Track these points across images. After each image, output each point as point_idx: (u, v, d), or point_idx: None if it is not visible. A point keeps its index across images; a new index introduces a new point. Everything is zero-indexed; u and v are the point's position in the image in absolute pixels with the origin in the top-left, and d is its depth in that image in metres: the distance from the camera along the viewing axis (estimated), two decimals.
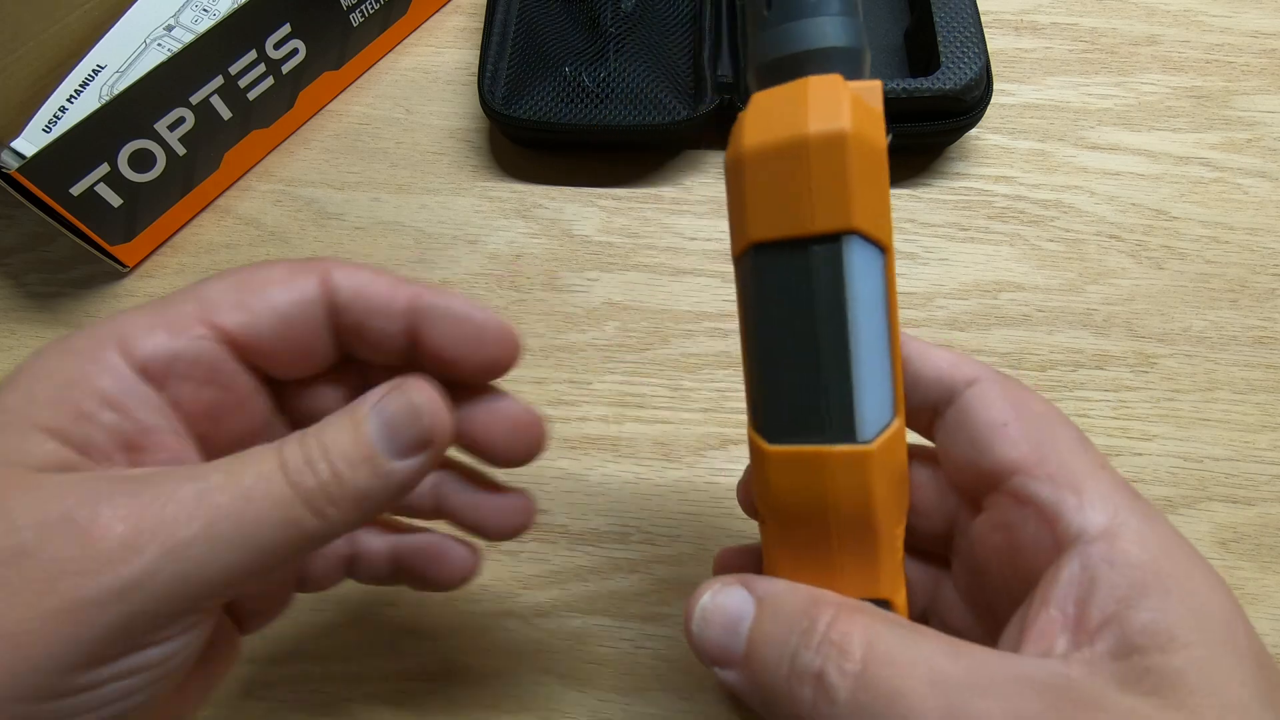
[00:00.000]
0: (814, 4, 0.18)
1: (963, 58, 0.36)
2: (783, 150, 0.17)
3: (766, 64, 0.18)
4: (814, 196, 0.16)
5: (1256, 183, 0.39)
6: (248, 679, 0.30)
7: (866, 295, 0.17)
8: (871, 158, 0.16)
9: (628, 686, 0.29)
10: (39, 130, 0.34)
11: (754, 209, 0.17)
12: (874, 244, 0.17)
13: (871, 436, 0.17)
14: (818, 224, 0.16)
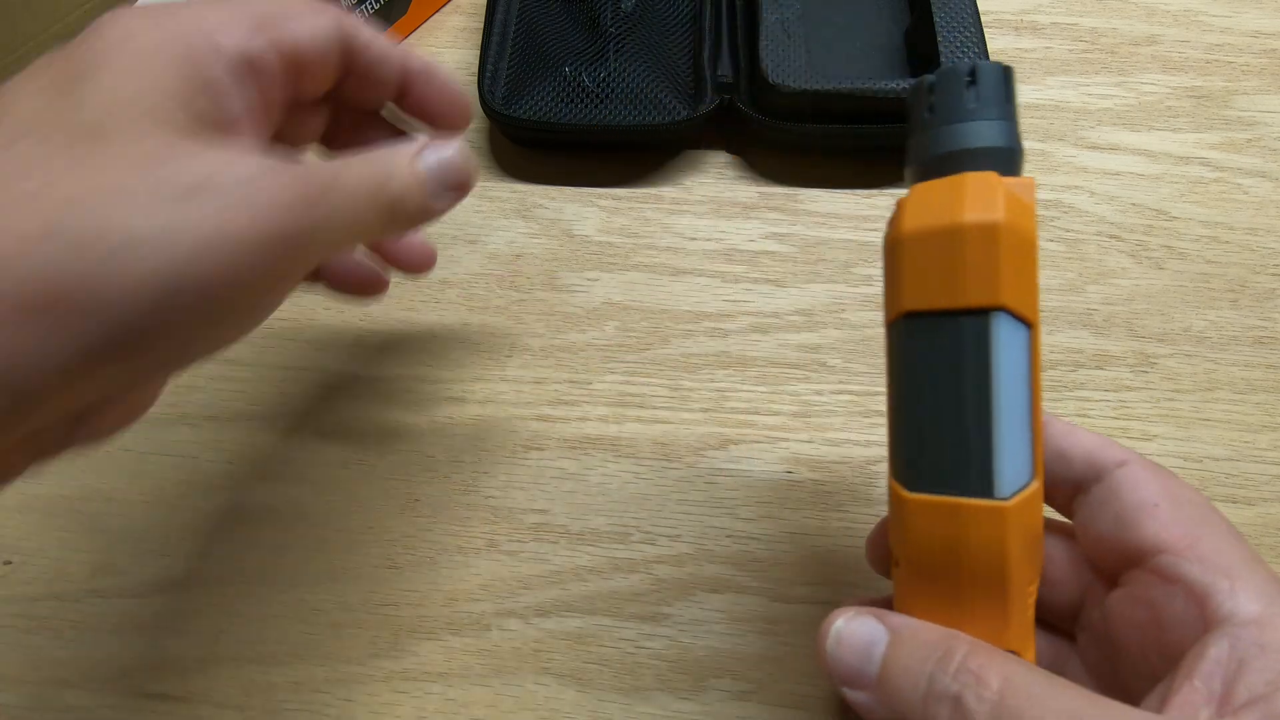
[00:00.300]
0: (973, 109, 0.20)
1: (962, 57, 0.36)
2: (940, 234, 0.19)
3: (927, 161, 0.20)
4: (967, 275, 0.19)
5: (1256, 183, 0.39)
6: (247, 679, 0.30)
7: (1010, 364, 0.18)
8: (1021, 245, 0.18)
9: (628, 686, 0.29)
10: None
11: (910, 282, 0.20)
12: (1020, 320, 0.19)
13: (1009, 494, 0.18)
14: (970, 299, 0.19)
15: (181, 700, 0.30)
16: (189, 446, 0.34)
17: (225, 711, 0.29)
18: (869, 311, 0.36)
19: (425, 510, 0.33)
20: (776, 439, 0.33)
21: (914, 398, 0.20)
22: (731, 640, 0.30)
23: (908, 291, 0.20)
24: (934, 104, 0.20)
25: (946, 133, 0.20)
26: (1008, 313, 0.19)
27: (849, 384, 0.35)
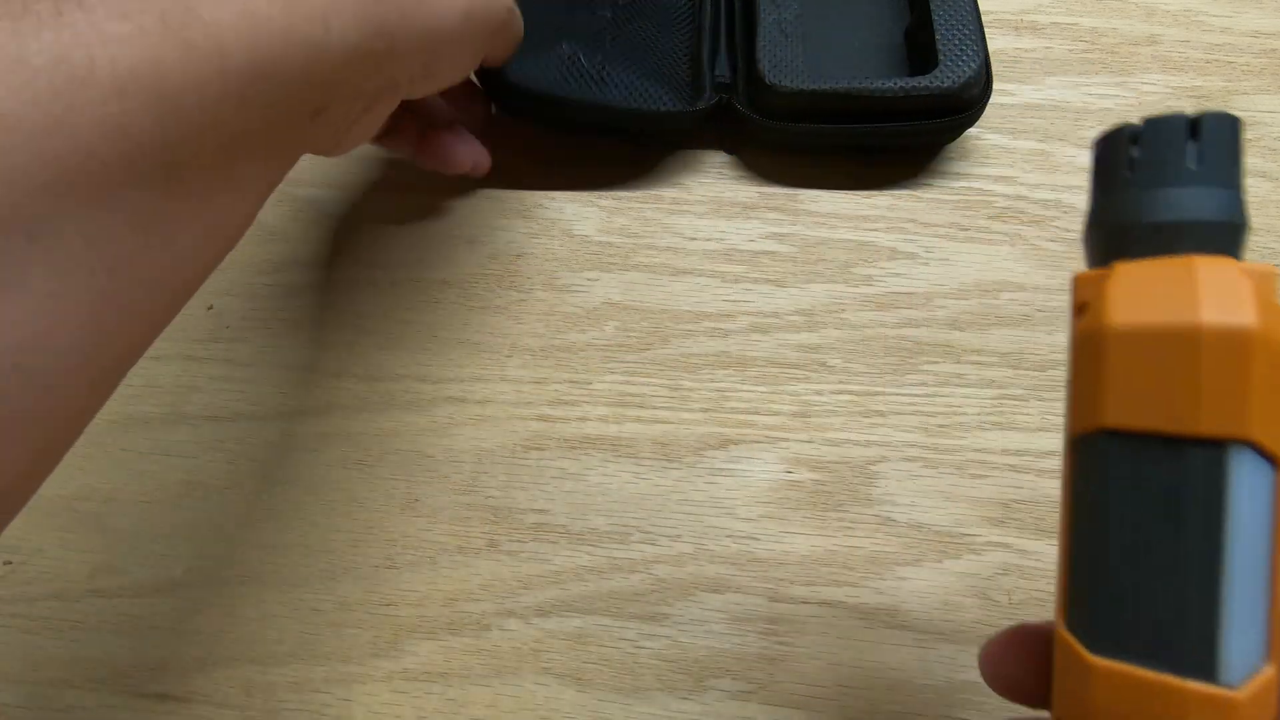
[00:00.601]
0: (1194, 171, 0.16)
1: (961, 56, 0.36)
2: (1167, 336, 0.15)
3: (1131, 230, 0.17)
4: (1202, 395, 0.15)
5: (1256, 183, 0.38)
6: (247, 679, 0.30)
7: (1250, 514, 0.15)
8: (1276, 360, 0.15)
9: (628, 686, 0.29)
10: None
11: (1116, 391, 0.16)
12: (1268, 459, 0.15)
13: (1237, 681, 0.14)
14: (1203, 426, 0.15)
15: (181, 700, 0.30)
16: (189, 446, 0.34)
17: (225, 711, 0.29)
18: (869, 311, 0.36)
19: (425, 510, 0.33)
20: (776, 439, 0.33)
21: (1109, 537, 0.16)
22: (731, 640, 0.30)
23: (1112, 402, 0.16)
24: (1138, 159, 0.17)
25: (1158, 198, 0.16)
26: (1253, 447, 0.15)
27: (849, 384, 0.35)
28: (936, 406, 0.34)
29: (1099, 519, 0.16)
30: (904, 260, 0.37)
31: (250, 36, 0.17)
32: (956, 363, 0.35)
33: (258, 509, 0.33)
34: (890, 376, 0.35)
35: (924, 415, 0.34)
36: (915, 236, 0.38)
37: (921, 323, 0.36)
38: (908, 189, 0.39)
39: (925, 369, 0.35)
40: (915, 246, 0.37)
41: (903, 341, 0.35)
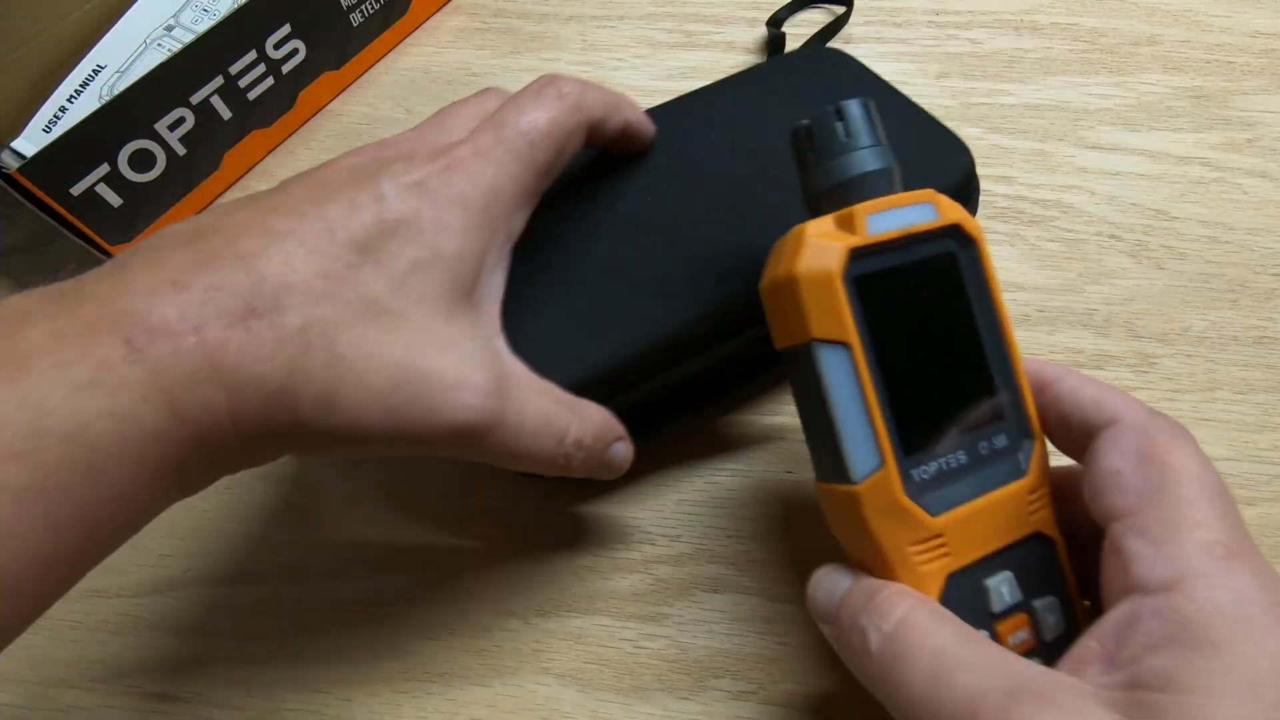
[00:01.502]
0: (845, 142, 0.24)
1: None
2: (771, 286, 0.23)
3: (817, 194, 0.24)
4: (787, 319, 0.23)
5: (1256, 183, 0.39)
6: (247, 679, 0.30)
7: (838, 380, 0.22)
8: (817, 285, 0.22)
9: (628, 686, 0.29)
10: (39, 130, 0.35)
11: (772, 325, 0.24)
12: (837, 343, 0.22)
13: (859, 479, 0.22)
14: (795, 338, 0.23)
15: (181, 700, 0.30)
16: None
17: (225, 711, 0.29)
18: None
19: (425, 510, 0.33)
20: (776, 439, 0.33)
21: (801, 412, 0.24)
22: (731, 640, 0.30)
23: (774, 333, 0.24)
24: (814, 145, 0.24)
25: (828, 168, 0.24)
26: (820, 341, 0.22)
27: None
28: None
29: (799, 402, 0.24)
30: None
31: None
32: None
33: (257, 510, 0.33)
34: None
35: None
36: None
37: None
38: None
39: None
40: None
41: None
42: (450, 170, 0.24)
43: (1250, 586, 0.19)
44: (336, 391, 0.21)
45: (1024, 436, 0.24)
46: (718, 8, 0.45)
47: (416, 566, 0.32)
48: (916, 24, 0.44)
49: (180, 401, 0.19)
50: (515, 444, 0.24)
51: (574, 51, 0.44)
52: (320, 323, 0.21)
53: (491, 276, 0.25)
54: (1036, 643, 0.23)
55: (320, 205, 0.22)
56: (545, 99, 0.26)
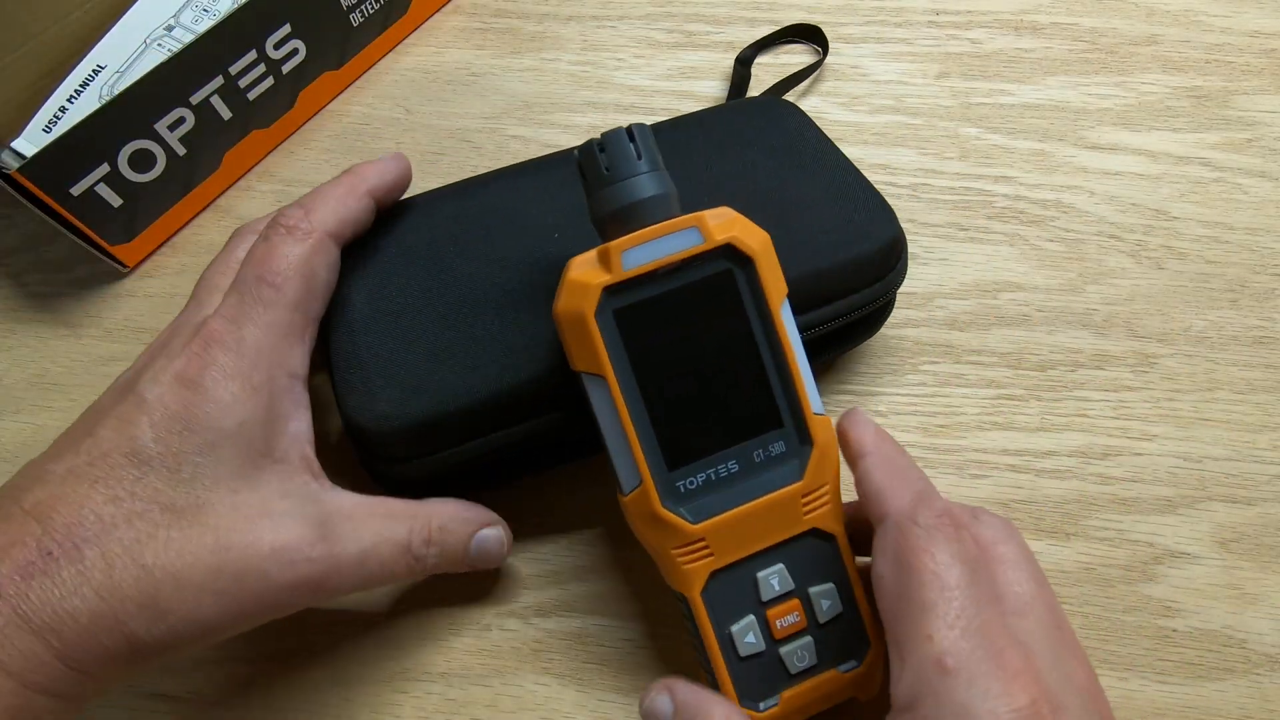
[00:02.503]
0: (608, 174, 0.25)
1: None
2: (563, 317, 0.25)
3: (597, 223, 0.26)
4: (566, 349, 0.26)
5: (1256, 183, 0.39)
6: (247, 679, 0.30)
7: (601, 407, 0.25)
8: (573, 322, 0.25)
9: (628, 686, 0.29)
10: (39, 130, 0.34)
11: (568, 348, 0.25)
12: (596, 375, 0.25)
13: (626, 492, 0.26)
14: (573, 366, 0.25)
15: (181, 700, 0.30)
16: None
17: (225, 711, 0.29)
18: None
19: None
20: None
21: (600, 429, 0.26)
22: None
23: (571, 355, 0.25)
24: (585, 177, 0.26)
25: (614, 190, 0.25)
26: (584, 373, 0.25)
27: (849, 384, 0.35)
28: (936, 406, 0.34)
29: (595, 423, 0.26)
30: None
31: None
32: (956, 363, 0.35)
33: None
34: (890, 376, 0.35)
35: (923, 415, 0.34)
36: (915, 236, 0.38)
37: (921, 323, 0.36)
38: (907, 189, 0.39)
39: (925, 369, 0.35)
40: (915, 246, 0.37)
41: (902, 341, 0.35)
42: (206, 349, 0.25)
43: (967, 700, 0.20)
44: (156, 598, 0.22)
45: (803, 442, 0.26)
46: (718, 8, 0.45)
47: None
48: (916, 24, 0.44)
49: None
50: (362, 573, 0.26)
51: (574, 51, 0.44)
52: (119, 543, 0.22)
53: (290, 423, 0.26)
54: (808, 623, 0.26)
55: (92, 434, 0.24)
56: (274, 240, 0.27)
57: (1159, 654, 0.29)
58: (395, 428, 0.27)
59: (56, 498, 0.23)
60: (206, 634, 0.23)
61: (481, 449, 0.28)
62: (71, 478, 0.23)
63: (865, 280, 0.30)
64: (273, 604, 0.24)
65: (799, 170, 0.32)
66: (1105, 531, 0.32)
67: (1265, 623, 0.30)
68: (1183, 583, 0.31)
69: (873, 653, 0.26)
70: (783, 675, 0.26)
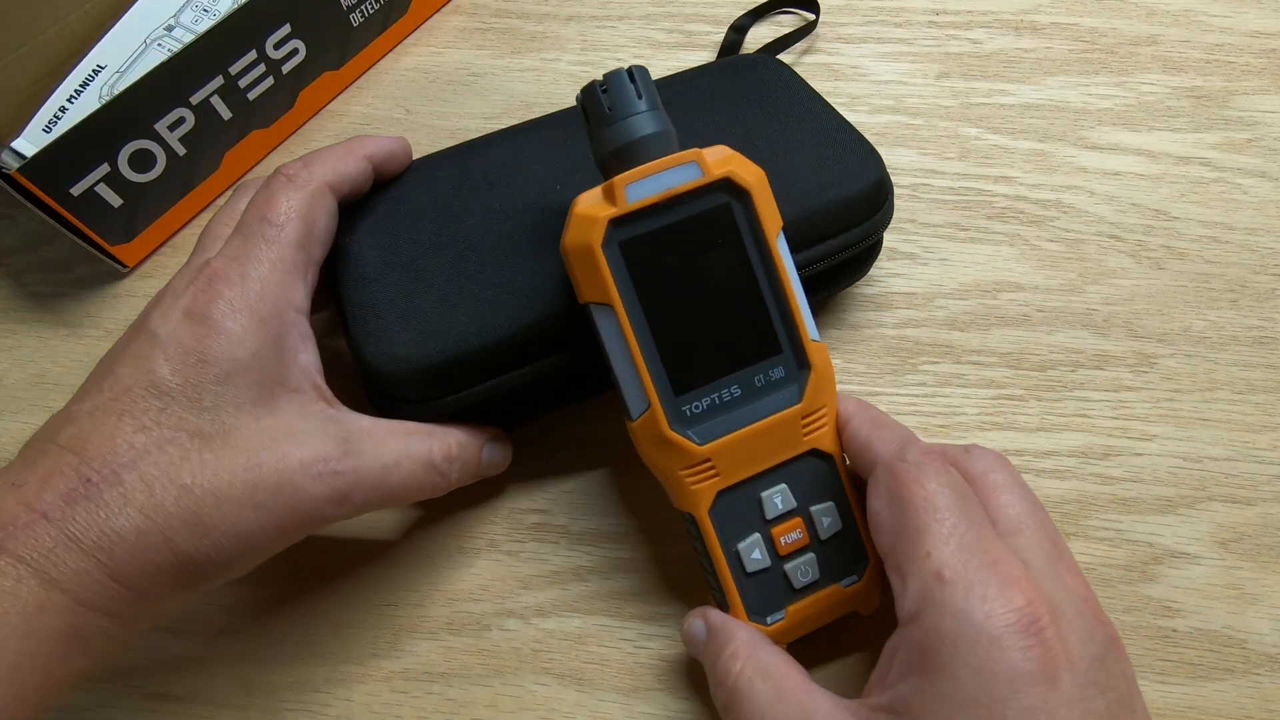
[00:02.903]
0: (611, 112, 0.26)
1: None
2: (572, 250, 0.26)
3: (600, 162, 0.27)
4: (574, 283, 0.27)
5: (1256, 183, 0.39)
6: (247, 680, 0.30)
7: (610, 336, 0.26)
8: (581, 255, 0.25)
9: (628, 686, 0.29)
10: (39, 130, 0.34)
11: (577, 280, 0.26)
12: (605, 305, 0.26)
13: (634, 418, 0.27)
14: (581, 298, 0.26)
15: (181, 700, 0.30)
16: None
17: (225, 711, 0.29)
18: (868, 311, 0.36)
19: (425, 510, 0.33)
20: None
21: (609, 360, 0.27)
22: None
23: (579, 287, 0.26)
24: (588, 117, 0.27)
25: (615, 130, 0.26)
26: (593, 304, 0.26)
27: (848, 384, 0.35)
28: (936, 406, 0.34)
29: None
30: (903, 260, 0.37)
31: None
32: (956, 363, 0.35)
33: None
34: (890, 376, 0.35)
35: (924, 415, 0.34)
36: (914, 236, 0.38)
37: (921, 323, 0.36)
38: (907, 189, 0.39)
39: (925, 369, 0.35)
40: (915, 246, 0.37)
41: (902, 341, 0.35)
42: (211, 284, 0.26)
43: (966, 606, 0.21)
44: (199, 514, 0.23)
45: (801, 367, 0.27)
46: (718, 8, 0.45)
47: (416, 567, 0.32)
48: (916, 24, 0.44)
49: (52, 574, 0.22)
50: (388, 484, 0.27)
51: (574, 51, 0.44)
52: (155, 466, 0.23)
53: (300, 355, 0.27)
54: (810, 540, 0.27)
55: (112, 373, 0.25)
56: (275, 187, 0.28)
57: (1159, 654, 0.29)
58: (412, 369, 0.28)
59: (88, 432, 0.24)
60: (249, 549, 0.24)
61: (496, 389, 0.29)
62: (99, 413, 0.24)
63: (853, 220, 0.31)
64: (307, 516, 0.25)
65: (786, 119, 0.33)
66: (1105, 531, 0.32)
67: (1265, 623, 0.30)
68: (1183, 583, 0.31)
69: (871, 568, 0.28)
70: (788, 590, 0.27)
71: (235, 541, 0.24)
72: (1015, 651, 0.20)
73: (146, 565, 0.23)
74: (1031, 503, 0.25)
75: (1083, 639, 0.21)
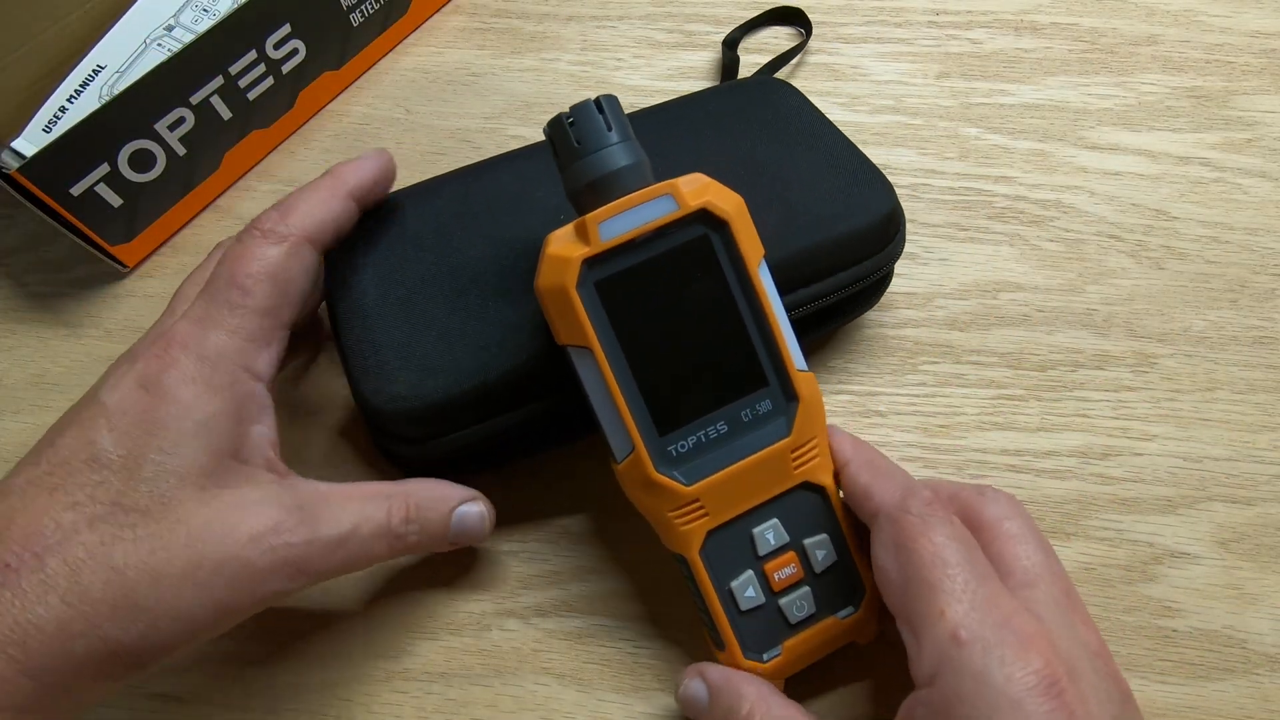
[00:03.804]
0: (599, 138, 0.25)
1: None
2: (544, 293, 0.25)
3: (571, 197, 0.26)
4: (555, 322, 0.26)
5: (1256, 183, 0.39)
6: (248, 680, 0.30)
7: (589, 379, 0.25)
8: (555, 297, 0.25)
9: (628, 686, 0.29)
10: (39, 130, 0.34)
11: (553, 322, 0.26)
12: (582, 348, 0.25)
13: (619, 460, 0.26)
14: (560, 340, 0.26)
15: (181, 700, 0.30)
16: None
17: (225, 711, 0.29)
18: (869, 311, 0.36)
19: None
20: None
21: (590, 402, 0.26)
22: None
23: (556, 329, 0.26)
24: (557, 152, 0.26)
25: (587, 163, 0.25)
26: (571, 346, 0.25)
27: (848, 384, 0.35)
28: (936, 406, 0.34)
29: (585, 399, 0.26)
30: (903, 260, 0.37)
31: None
32: (956, 363, 0.35)
33: None
34: (890, 376, 0.35)
35: (923, 415, 0.34)
36: (915, 236, 0.38)
37: (921, 323, 0.36)
38: (907, 190, 0.39)
39: (925, 369, 0.35)
40: (915, 246, 0.37)
41: (902, 341, 0.35)
42: (167, 350, 0.24)
43: (985, 668, 0.21)
44: (131, 597, 0.22)
45: (789, 399, 0.27)
46: (718, 8, 0.45)
47: (416, 566, 0.32)
48: (916, 24, 0.44)
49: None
50: (343, 554, 0.25)
51: (574, 51, 0.44)
52: (83, 548, 0.22)
53: (254, 426, 0.26)
54: (805, 574, 0.27)
55: (52, 444, 0.23)
56: (249, 243, 0.27)
57: (1159, 654, 0.29)
58: (412, 408, 0.28)
59: (14, 510, 0.22)
60: (189, 631, 0.23)
61: (498, 427, 0.29)
62: (30, 488, 0.23)
63: (864, 253, 0.31)
64: (255, 593, 0.24)
65: (795, 147, 0.33)
66: (1105, 531, 0.32)
67: (1265, 623, 0.30)
68: (1183, 583, 0.31)
69: (868, 597, 0.27)
70: (783, 625, 0.27)
71: (173, 625, 0.22)
72: (1038, 715, 0.20)
73: (67, 657, 0.21)
74: (1046, 552, 0.24)
75: (1101, 699, 0.21)
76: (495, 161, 0.33)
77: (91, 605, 0.21)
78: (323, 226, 0.28)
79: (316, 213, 0.28)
